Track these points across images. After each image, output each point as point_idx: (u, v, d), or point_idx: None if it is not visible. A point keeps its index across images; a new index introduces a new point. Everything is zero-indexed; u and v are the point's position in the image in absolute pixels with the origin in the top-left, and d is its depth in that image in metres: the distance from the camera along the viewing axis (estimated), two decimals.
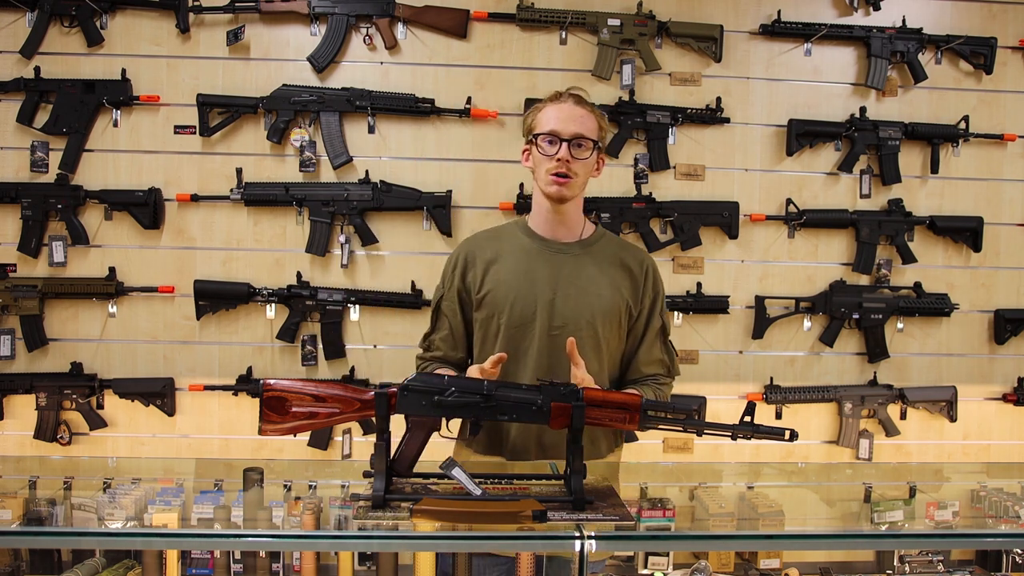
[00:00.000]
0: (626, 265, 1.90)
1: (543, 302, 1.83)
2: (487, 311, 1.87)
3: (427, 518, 1.41)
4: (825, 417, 3.17)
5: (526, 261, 1.87)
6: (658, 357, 1.94)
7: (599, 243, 1.92)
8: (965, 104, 3.15)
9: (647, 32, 3.00)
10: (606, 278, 1.87)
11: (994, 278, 3.20)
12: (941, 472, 2.61)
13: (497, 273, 1.87)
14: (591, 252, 1.89)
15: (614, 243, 1.95)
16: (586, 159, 1.81)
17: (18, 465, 2.44)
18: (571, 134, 1.79)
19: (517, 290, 1.85)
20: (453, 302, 1.92)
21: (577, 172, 1.80)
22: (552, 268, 1.86)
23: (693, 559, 1.99)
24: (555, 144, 1.79)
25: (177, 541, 1.66)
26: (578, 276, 1.86)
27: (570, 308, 1.83)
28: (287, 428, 1.50)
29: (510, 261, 1.88)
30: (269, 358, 3.00)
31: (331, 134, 2.94)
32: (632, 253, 1.95)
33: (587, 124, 1.81)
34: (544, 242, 1.89)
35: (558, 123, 1.80)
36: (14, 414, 2.96)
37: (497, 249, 1.90)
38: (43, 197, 2.88)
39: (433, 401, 1.48)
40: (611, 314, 1.86)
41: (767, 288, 3.12)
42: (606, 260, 1.89)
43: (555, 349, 1.82)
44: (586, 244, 1.90)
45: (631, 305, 1.88)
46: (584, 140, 1.80)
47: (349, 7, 2.94)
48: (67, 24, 2.91)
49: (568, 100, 1.83)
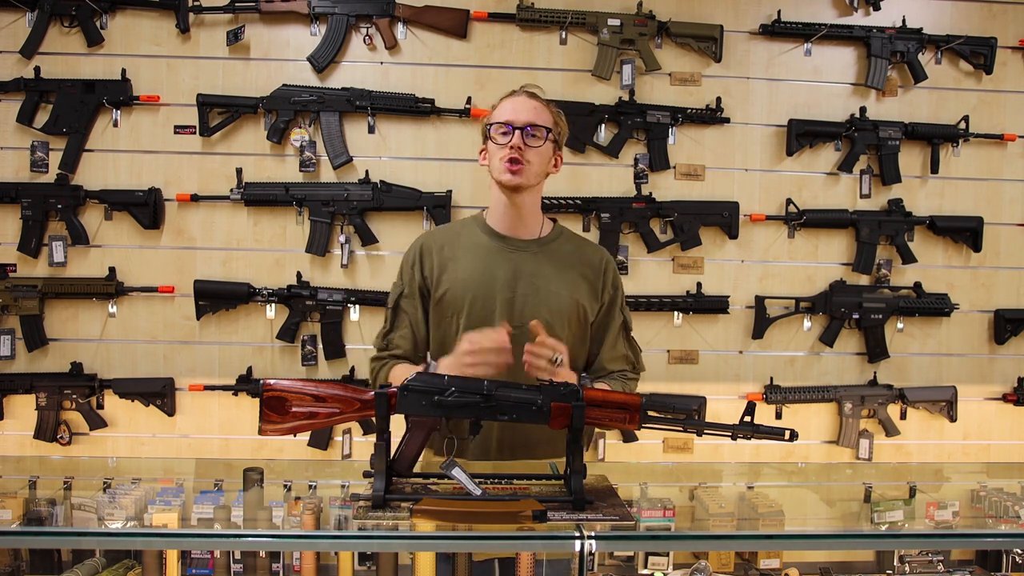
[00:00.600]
0: (584, 264, 1.90)
1: (502, 301, 1.83)
2: (445, 310, 1.86)
3: (427, 518, 1.41)
4: (825, 417, 3.18)
5: (485, 259, 1.86)
6: (622, 353, 1.94)
7: (557, 241, 1.92)
8: (965, 104, 3.15)
9: (647, 32, 3.01)
10: (564, 278, 1.87)
11: (994, 278, 3.20)
12: (941, 472, 2.61)
13: (455, 271, 1.86)
14: (549, 251, 1.89)
15: (572, 241, 1.95)
16: (539, 147, 1.81)
17: (18, 465, 2.44)
18: (524, 122, 1.80)
19: (476, 289, 1.84)
20: (415, 299, 1.90)
21: (531, 160, 1.81)
22: (511, 267, 1.85)
23: (693, 559, 1.99)
24: (508, 134, 1.80)
25: (177, 541, 1.66)
26: (536, 275, 1.85)
27: (529, 307, 1.83)
28: (287, 428, 1.50)
29: (468, 259, 1.87)
30: (269, 358, 3.00)
31: (331, 134, 2.94)
32: (590, 252, 1.95)
33: (541, 115, 1.83)
34: (503, 240, 1.88)
35: (512, 113, 1.82)
36: (14, 414, 2.96)
37: (455, 246, 1.90)
38: (43, 197, 2.88)
39: (433, 401, 1.48)
40: (569, 314, 1.85)
41: (767, 288, 3.12)
42: (564, 259, 1.89)
43: (515, 348, 1.80)
44: (544, 242, 1.90)
45: (587, 306, 1.88)
46: (537, 128, 1.81)
47: (349, 7, 2.94)
48: (67, 24, 2.91)
49: (521, 95, 1.85)
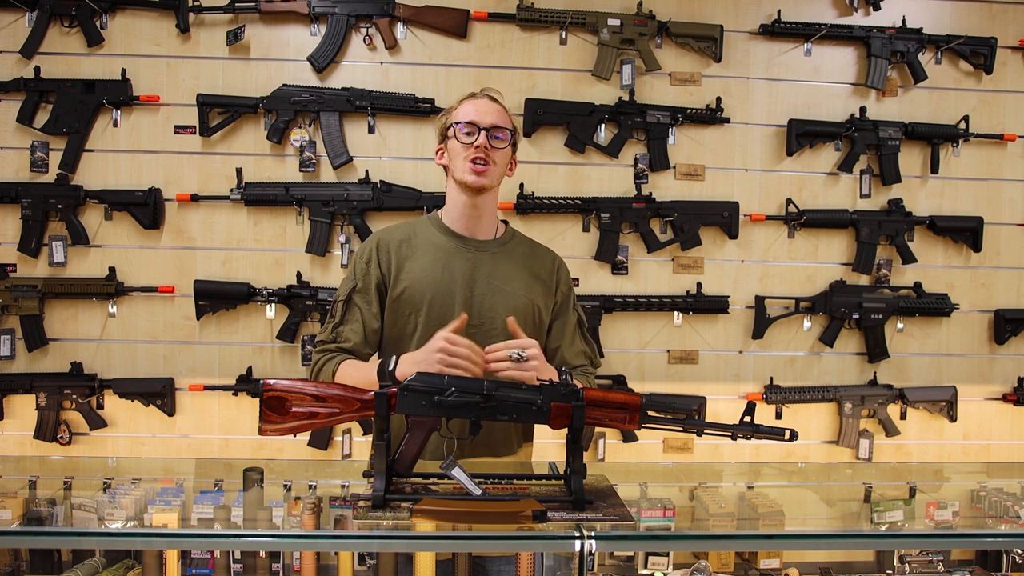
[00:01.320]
0: (537, 266, 1.95)
1: (461, 300, 1.85)
2: (403, 307, 1.87)
3: (427, 518, 1.41)
4: (825, 417, 3.18)
5: (443, 258, 1.88)
6: (580, 349, 1.98)
7: (512, 242, 1.96)
8: (965, 104, 3.15)
9: (647, 32, 3.00)
10: (520, 278, 1.90)
11: (994, 278, 3.20)
12: (941, 472, 2.61)
13: (412, 270, 1.88)
14: (505, 252, 1.93)
15: (526, 244, 1.99)
16: (503, 149, 1.85)
17: (18, 465, 2.44)
18: (489, 124, 1.84)
19: (435, 288, 1.85)
20: (369, 294, 1.89)
21: (495, 161, 1.85)
22: (469, 266, 1.88)
23: (693, 559, 1.99)
24: (473, 134, 1.83)
25: (177, 541, 1.66)
26: (493, 275, 1.88)
27: (487, 306, 1.86)
28: (287, 428, 1.50)
29: (425, 258, 1.89)
30: (269, 358, 3.00)
31: (331, 134, 2.94)
32: (542, 254, 1.99)
33: (503, 118, 1.87)
34: (460, 239, 1.90)
35: (476, 115, 1.85)
36: (14, 414, 2.96)
37: (411, 244, 1.91)
38: (43, 197, 2.88)
39: (433, 401, 1.48)
40: (525, 314, 1.88)
41: (767, 288, 3.12)
42: (519, 261, 1.93)
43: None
44: (501, 243, 1.94)
45: (542, 306, 1.92)
46: (502, 130, 1.85)
47: (349, 7, 2.94)
48: (67, 24, 2.91)
49: (484, 98, 1.89)
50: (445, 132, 1.90)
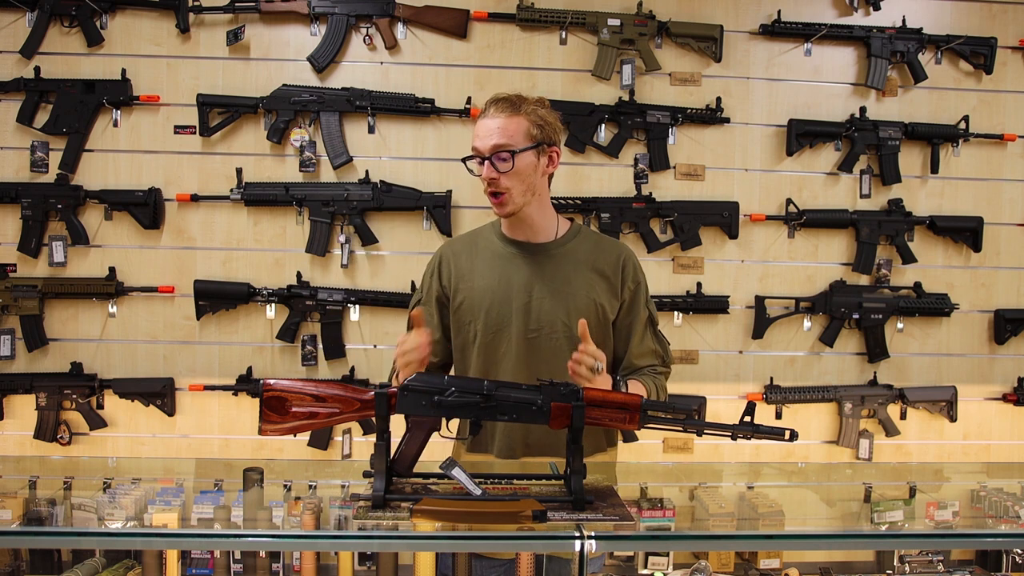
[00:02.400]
0: (600, 263, 1.87)
1: (518, 306, 1.82)
2: (464, 318, 1.86)
3: (427, 518, 1.41)
4: (825, 417, 3.18)
5: (500, 266, 1.86)
6: (650, 348, 1.91)
7: (574, 241, 1.89)
8: (965, 104, 3.15)
9: (647, 32, 3.00)
10: (580, 278, 1.85)
11: (994, 278, 3.20)
12: (941, 472, 2.61)
13: (471, 279, 1.86)
14: (565, 252, 1.87)
15: (590, 240, 1.91)
16: (510, 171, 1.74)
17: (18, 465, 2.44)
18: (489, 149, 1.74)
19: (492, 296, 1.83)
20: (431, 307, 1.90)
21: (508, 186, 1.75)
22: (526, 271, 1.84)
23: (693, 559, 1.99)
24: (481, 164, 1.76)
25: (177, 541, 1.66)
26: (552, 278, 1.84)
27: (545, 311, 1.82)
28: (287, 428, 1.50)
29: (484, 267, 1.87)
30: (269, 358, 3.00)
31: (331, 134, 2.94)
32: (607, 249, 1.90)
33: (507, 132, 1.73)
34: (518, 245, 1.87)
35: (477, 140, 1.76)
36: (14, 414, 2.96)
37: (472, 255, 1.89)
38: (43, 197, 2.88)
39: (433, 401, 1.48)
40: (587, 314, 1.81)
41: (767, 288, 3.12)
42: (581, 259, 1.87)
43: (532, 352, 1.81)
44: (561, 244, 1.88)
45: (606, 305, 1.85)
46: (503, 151, 1.72)
47: (349, 7, 2.94)
48: (67, 24, 2.91)
49: (487, 113, 1.77)
50: None
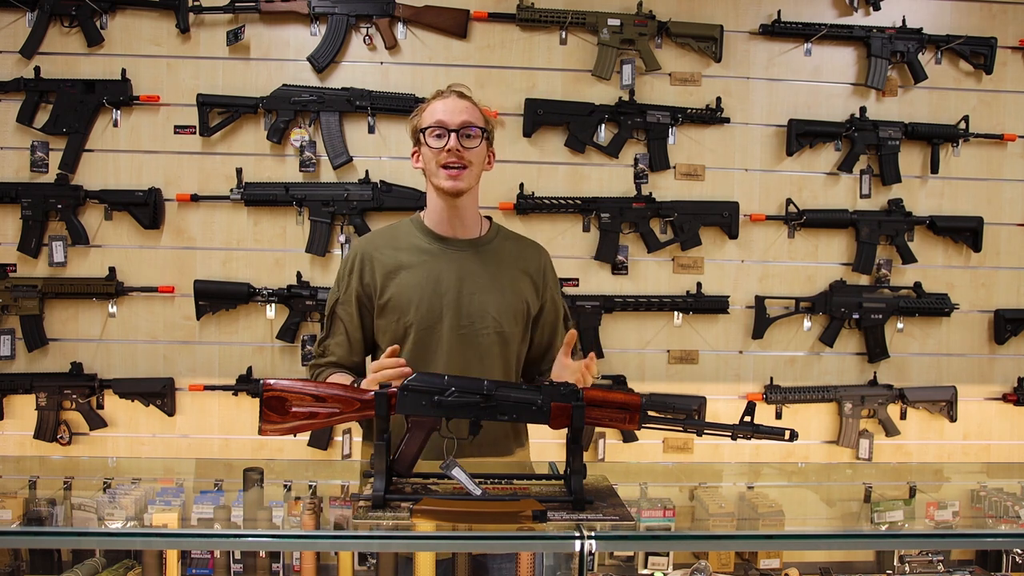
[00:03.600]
0: (524, 262, 1.93)
1: (449, 301, 1.84)
2: (392, 315, 1.86)
3: (427, 518, 1.41)
4: (825, 417, 3.17)
5: (429, 262, 1.86)
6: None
7: (496, 239, 1.93)
8: (965, 104, 3.15)
9: (647, 32, 3.00)
10: (507, 276, 1.88)
11: (994, 278, 3.20)
12: (941, 472, 2.61)
13: (398, 275, 1.86)
14: (491, 249, 1.91)
15: (511, 239, 1.97)
16: (476, 148, 1.81)
17: (18, 465, 2.44)
18: (459, 123, 1.79)
19: (422, 292, 1.84)
20: (350, 306, 1.89)
21: (471, 160, 1.81)
22: (455, 267, 1.86)
23: (693, 559, 1.99)
24: (443, 136, 1.79)
25: (177, 541, 1.66)
26: (481, 274, 1.86)
27: (476, 306, 1.84)
28: (287, 428, 1.50)
29: (411, 262, 1.87)
30: (269, 358, 3.00)
31: (331, 134, 2.94)
32: (528, 250, 1.97)
33: (474, 113, 1.82)
34: (444, 241, 1.89)
35: (444, 114, 1.81)
36: (14, 414, 2.96)
37: (396, 251, 1.89)
38: (43, 197, 2.87)
39: (433, 401, 1.48)
40: (515, 311, 1.87)
41: (767, 288, 3.12)
42: (505, 258, 1.91)
43: (464, 346, 1.83)
44: (486, 241, 1.92)
45: (530, 303, 1.91)
46: (473, 128, 1.80)
47: (349, 7, 2.94)
48: (67, 24, 2.91)
49: (451, 96, 1.84)
50: (416, 136, 1.86)
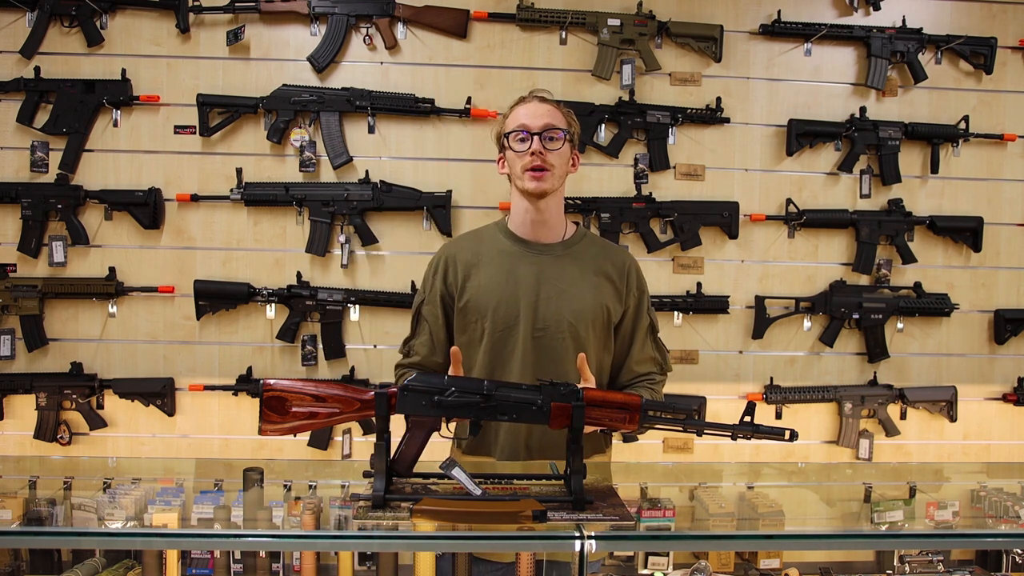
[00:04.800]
0: (607, 267, 1.90)
1: (526, 304, 1.83)
2: (470, 316, 1.87)
3: (427, 518, 1.41)
4: (825, 417, 3.17)
5: (508, 264, 1.86)
6: (650, 355, 1.93)
7: (580, 244, 1.91)
8: (965, 104, 3.15)
9: (647, 32, 3.00)
10: (587, 281, 1.86)
11: (994, 278, 3.20)
12: (941, 472, 2.61)
13: (478, 278, 1.86)
14: (573, 254, 1.89)
15: (596, 244, 1.94)
16: (559, 150, 1.81)
17: (18, 465, 2.44)
18: (541, 126, 1.80)
19: (500, 294, 1.84)
20: (435, 307, 1.91)
21: (553, 164, 1.81)
22: (534, 270, 1.85)
23: (693, 559, 1.99)
24: (527, 140, 1.80)
25: (177, 541, 1.66)
26: (560, 278, 1.85)
27: (552, 310, 1.83)
28: (287, 428, 1.50)
29: (491, 265, 1.87)
30: (269, 358, 3.00)
31: (331, 134, 2.94)
32: (613, 254, 1.94)
33: (556, 117, 1.83)
34: (525, 244, 1.88)
35: (527, 118, 1.81)
36: (14, 414, 2.96)
37: (478, 253, 1.90)
38: (43, 197, 2.88)
39: (433, 401, 1.48)
40: (593, 317, 1.85)
41: (767, 288, 3.12)
42: (588, 262, 1.89)
43: (539, 351, 1.82)
44: (568, 245, 1.90)
45: (611, 309, 1.87)
46: (555, 130, 1.80)
47: (349, 7, 2.94)
48: (67, 24, 2.91)
49: (533, 100, 1.85)
50: (501, 141, 1.87)
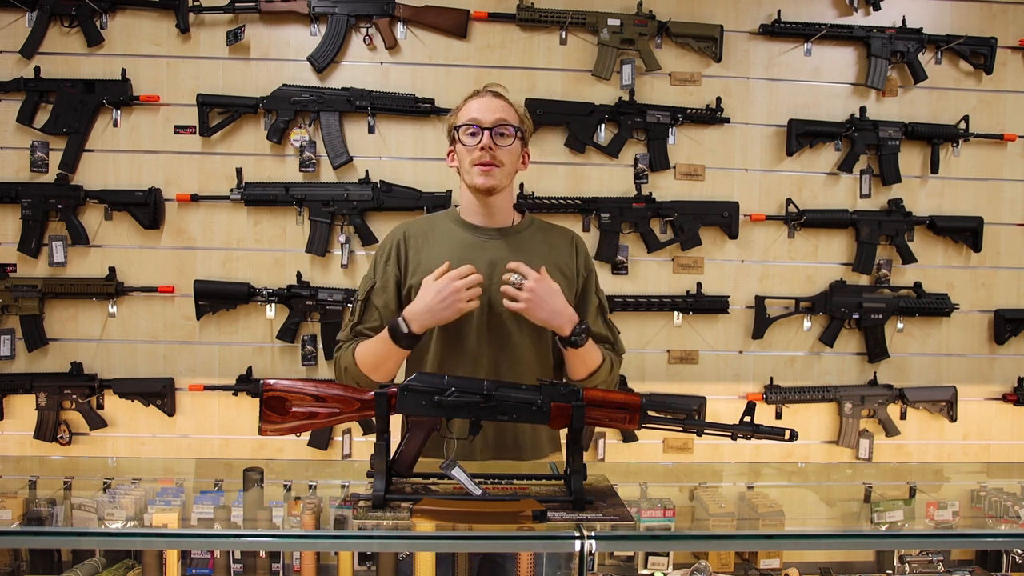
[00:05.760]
0: (556, 250, 1.92)
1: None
2: None
3: (427, 518, 1.41)
4: (825, 417, 3.17)
5: (459, 249, 1.87)
6: (599, 333, 1.91)
7: (529, 230, 1.93)
8: (965, 104, 3.15)
9: (647, 32, 3.00)
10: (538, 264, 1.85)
11: (994, 278, 3.20)
12: (941, 472, 2.61)
13: (429, 260, 1.86)
14: (522, 238, 1.91)
15: (543, 229, 1.96)
16: (509, 146, 1.82)
17: (18, 465, 2.44)
18: (493, 121, 1.80)
19: None
20: (386, 292, 1.89)
21: (503, 160, 1.82)
22: (485, 254, 1.86)
23: (693, 559, 1.99)
24: (477, 134, 1.80)
25: (177, 541, 1.66)
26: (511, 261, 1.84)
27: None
28: (287, 428, 1.50)
29: (443, 248, 1.88)
30: (269, 358, 3.00)
31: (331, 134, 2.94)
32: (560, 236, 1.96)
33: (508, 113, 1.83)
34: (476, 230, 1.90)
35: (478, 112, 1.82)
36: (14, 414, 2.96)
37: (429, 238, 1.91)
38: (43, 197, 2.88)
39: (433, 401, 1.48)
40: None
41: (767, 288, 3.12)
42: (537, 246, 1.90)
43: (493, 336, 1.84)
44: (517, 230, 1.92)
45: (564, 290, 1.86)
46: (506, 126, 1.81)
47: (349, 7, 2.94)
48: (67, 24, 2.91)
49: (487, 95, 1.85)
50: (452, 134, 1.88)
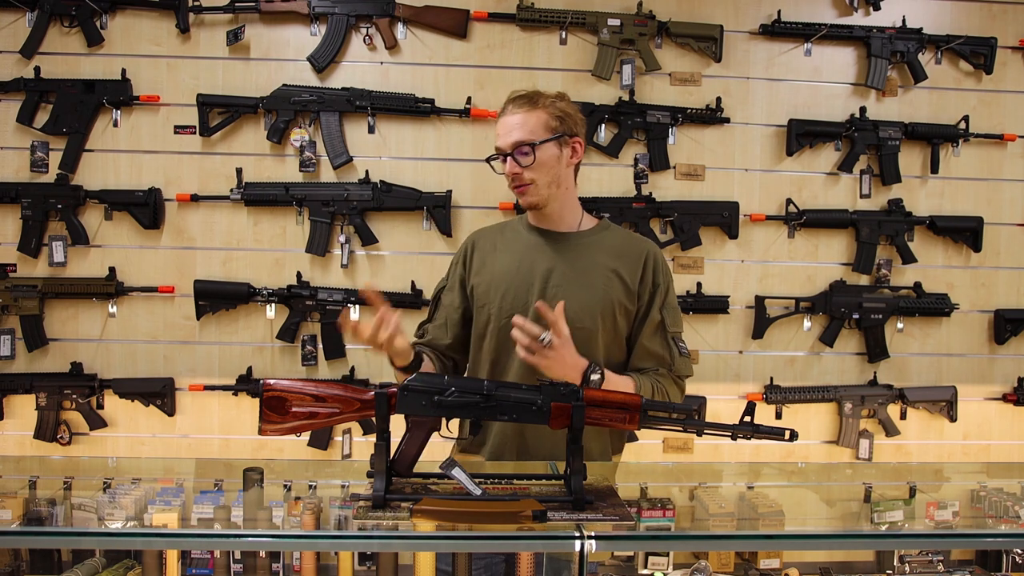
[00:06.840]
0: (624, 257, 1.87)
1: (536, 292, 1.83)
2: (480, 300, 1.90)
3: (427, 518, 1.41)
4: (825, 417, 3.18)
5: (522, 252, 1.88)
6: (653, 351, 1.87)
7: (602, 234, 1.90)
8: (965, 104, 3.15)
9: (647, 32, 3.00)
10: (600, 271, 1.84)
11: (994, 278, 3.20)
12: (941, 472, 2.60)
13: (492, 265, 1.90)
14: (590, 243, 1.88)
15: (619, 236, 1.92)
16: (532, 164, 1.79)
17: (18, 465, 2.44)
18: (510, 145, 1.80)
19: (510, 280, 1.85)
20: (453, 292, 1.95)
21: (533, 179, 1.81)
22: (547, 258, 1.86)
23: (693, 559, 1.99)
24: (504, 161, 1.83)
25: (177, 541, 1.66)
26: (572, 267, 1.84)
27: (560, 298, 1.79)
28: (287, 428, 1.50)
29: (507, 253, 1.90)
30: (269, 358, 3.00)
31: (331, 134, 2.94)
32: (632, 246, 1.90)
33: (527, 126, 1.79)
34: (543, 233, 1.90)
35: (498, 139, 1.83)
36: (14, 414, 2.96)
37: (496, 242, 1.94)
38: (43, 197, 2.88)
39: (433, 401, 1.48)
40: (602, 309, 1.82)
41: (767, 288, 3.12)
42: (605, 252, 1.87)
43: None
44: (585, 235, 1.89)
45: (623, 300, 1.84)
46: (524, 146, 1.78)
47: (349, 7, 2.94)
48: (67, 24, 2.91)
49: (506, 111, 1.84)
50: None
